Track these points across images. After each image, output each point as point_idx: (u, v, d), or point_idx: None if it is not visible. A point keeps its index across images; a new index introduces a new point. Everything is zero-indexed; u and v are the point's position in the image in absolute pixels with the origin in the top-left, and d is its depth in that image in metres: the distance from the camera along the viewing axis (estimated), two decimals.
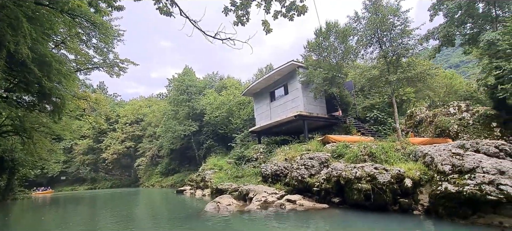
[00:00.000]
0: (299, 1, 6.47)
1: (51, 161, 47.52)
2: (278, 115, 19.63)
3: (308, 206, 9.52)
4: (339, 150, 11.67)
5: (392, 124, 20.06)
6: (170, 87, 40.06)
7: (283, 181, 13.00)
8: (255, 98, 23.32)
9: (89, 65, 18.68)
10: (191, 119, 34.47)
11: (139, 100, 63.22)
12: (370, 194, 7.81)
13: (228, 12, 6.61)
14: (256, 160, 19.16)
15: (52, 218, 12.71)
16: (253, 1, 6.50)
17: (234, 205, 10.60)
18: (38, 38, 11.31)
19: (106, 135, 54.36)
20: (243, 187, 12.43)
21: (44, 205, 20.28)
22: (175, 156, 40.88)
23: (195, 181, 22.37)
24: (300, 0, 6.46)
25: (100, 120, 22.70)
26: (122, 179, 55.63)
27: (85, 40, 16.30)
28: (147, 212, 12.64)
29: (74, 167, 56.65)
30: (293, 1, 6.43)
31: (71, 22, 14.56)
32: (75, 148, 57.42)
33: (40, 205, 20.33)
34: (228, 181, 17.39)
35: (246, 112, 27.80)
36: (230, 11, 6.56)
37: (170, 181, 37.95)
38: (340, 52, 16.47)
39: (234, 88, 32.18)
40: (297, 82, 18.06)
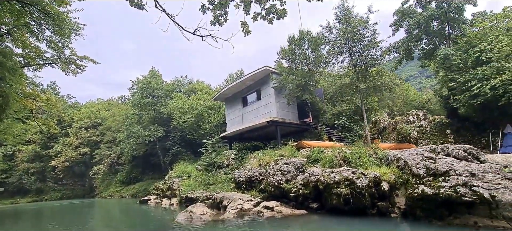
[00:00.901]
0: (279, 4, 6.40)
1: None
2: (251, 120, 19.39)
3: (286, 213, 9.32)
4: (314, 155, 11.75)
5: (358, 130, 21.08)
6: (134, 90, 37.58)
7: (258, 187, 12.71)
8: (227, 104, 22.84)
9: (39, 61, 16.59)
10: (156, 123, 32.60)
11: (97, 103, 58.28)
12: (349, 199, 7.87)
13: (205, 10, 6.27)
14: (227, 166, 18.65)
15: None
16: (231, 1, 6.25)
17: (208, 214, 9.99)
18: None
19: (57, 140, 48.87)
20: (216, 195, 11.84)
21: None
22: (137, 163, 38.23)
23: (161, 189, 21.04)
24: (280, 4, 6.40)
25: (51, 123, 20.18)
26: (74, 189, 50.37)
27: (36, 32, 14.43)
28: (108, 227, 11.35)
29: (15, 177, 49.82)
30: (273, 4, 6.32)
31: (19, 10, 12.81)
32: (17, 154, 50.65)
33: None
34: (199, 188, 16.62)
35: (217, 117, 27.11)
36: (208, 9, 6.23)
37: (131, 191, 35.28)
38: (312, 60, 16.87)
39: (204, 92, 31.26)
40: (270, 88, 18.06)
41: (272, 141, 23.92)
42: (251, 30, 6.37)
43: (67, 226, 12.81)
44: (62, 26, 13.97)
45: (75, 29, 14.86)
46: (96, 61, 18.48)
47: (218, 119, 27.18)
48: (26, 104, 16.26)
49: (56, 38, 15.08)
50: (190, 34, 6.11)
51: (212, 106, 28.49)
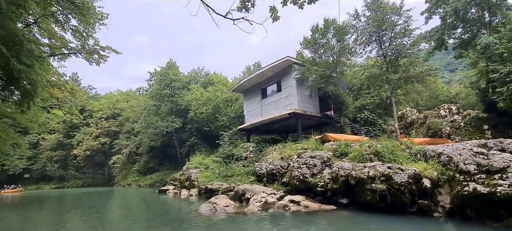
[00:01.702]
0: None
1: (14, 156, 43.45)
2: (270, 112, 18.97)
3: (314, 208, 8.90)
4: (341, 148, 11.21)
5: (382, 124, 20.21)
6: (152, 81, 37.97)
7: (280, 180, 12.36)
8: (245, 95, 22.50)
9: (64, 51, 16.79)
10: (174, 115, 32.83)
11: (116, 94, 59.70)
12: (386, 195, 7.33)
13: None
14: (245, 158, 18.41)
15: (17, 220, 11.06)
16: None
17: (232, 206, 9.73)
18: (8, 13, 9.72)
19: (78, 129, 50.57)
20: (238, 187, 11.57)
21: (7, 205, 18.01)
22: (154, 154, 38.85)
23: (179, 180, 21.12)
24: None
25: (75, 111, 20.61)
26: (94, 178, 52.10)
27: (61, 21, 14.54)
28: (136, 215, 11.35)
29: (40, 164, 52.09)
30: None
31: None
32: (42, 143, 52.87)
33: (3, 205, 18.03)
34: (217, 180, 16.51)
35: (234, 109, 26.87)
36: None
37: (148, 180, 35.94)
38: (336, 50, 16.14)
39: (222, 84, 31.06)
40: (292, 79, 17.53)
41: (291, 134, 23.47)
42: (279, 15, 5.92)
43: (103, 210, 13.03)
44: (87, 15, 13.98)
45: (99, 18, 14.86)
46: (118, 51, 18.53)
47: (235, 111, 26.92)
48: (53, 92, 16.57)
49: (80, 27, 15.15)
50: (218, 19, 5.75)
51: (229, 98, 28.26)
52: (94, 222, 9.54)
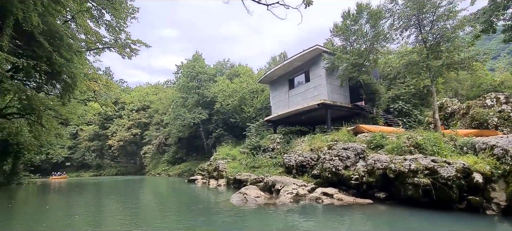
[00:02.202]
0: None
1: (57, 146, 47.25)
2: (298, 104, 18.55)
3: (348, 201, 8.54)
4: (377, 140, 10.62)
5: (418, 115, 18.98)
6: (179, 74, 38.95)
7: (310, 172, 12.09)
8: (272, 86, 22.22)
9: (99, 45, 17.61)
10: (200, 106, 33.49)
11: (145, 87, 62.27)
12: (431, 190, 6.80)
13: None
14: (272, 150, 18.30)
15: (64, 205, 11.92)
16: None
17: (262, 197, 9.66)
18: (49, 8, 10.27)
19: (112, 121, 53.67)
20: (268, 178, 11.48)
21: (53, 190, 19.59)
22: (182, 145, 40.12)
23: (207, 170, 21.55)
24: None
25: (110, 103, 21.78)
26: (127, 167, 55.19)
27: (96, 16, 15.20)
28: (170, 203, 11.72)
29: (79, 153, 56.26)
30: None
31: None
32: (80, 133, 56.93)
33: (47, 190, 19.64)
34: (245, 171, 16.62)
35: (260, 101, 26.74)
36: None
37: (177, 170, 37.26)
38: (370, 37, 15.24)
39: (247, 76, 31.00)
40: (321, 69, 16.92)
41: (319, 126, 22.91)
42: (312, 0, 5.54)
43: (139, 198, 13.73)
44: (119, 10, 14.46)
45: (130, 12, 15.33)
46: (147, 45, 19.12)
47: (261, 102, 26.79)
48: (90, 85, 17.55)
49: (113, 22, 15.74)
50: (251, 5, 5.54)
51: (255, 90, 28.16)
52: (130, 208, 9.99)
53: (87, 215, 8.63)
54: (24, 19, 8.52)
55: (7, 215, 9.14)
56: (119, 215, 8.60)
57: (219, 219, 7.12)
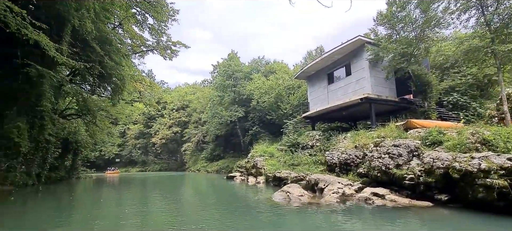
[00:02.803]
0: None
1: (108, 144, 51.73)
2: (338, 99, 17.67)
3: (403, 203, 7.76)
4: (433, 136, 9.53)
5: (477, 109, 16.84)
6: (215, 73, 39.94)
7: (355, 171, 11.36)
8: (309, 82, 21.53)
9: (143, 48, 18.66)
10: (237, 104, 33.92)
11: (184, 87, 65.21)
12: (508, 193, 5.82)
13: None
14: (311, 147, 17.70)
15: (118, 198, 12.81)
16: None
17: (306, 196, 9.27)
18: (100, 15, 11.00)
19: (155, 120, 57.20)
20: (311, 176, 11.03)
21: (106, 184, 21.37)
22: (219, 142, 41.14)
23: (245, 167, 21.68)
24: None
25: (153, 103, 23.13)
26: (169, 163, 58.36)
27: (140, 21, 16.08)
28: (211, 199, 11.91)
29: (127, 150, 61.00)
30: None
31: (127, 1, 14.30)
32: (127, 132, 61.65)
33: (101, 184, 21.46)
34: (283, 168, 16.35)
35: (297, 97, 26.15)
36: None
37: (215, 167, 38.30)
38: (420, 23, 13.83)
39: (283, 72, 30.56)
40: (364, 61, 15.87)
41: (360, 121, 21.69)
42: None
43: (182, 192, 14.35)
44: (161, 12, 15.10)
45: (171, 14, 15.95)
46: (186, 46, 19.78)
47: (298, 98, 26.17)
48: (136, 86, 18.72)
49: (155, 25, 16.51)
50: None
51: (291, 86, 27.61)
52: (174, 203, 10.32)
53: (135, 208, 9.10)
54: (80, 26, 9.24)
55: (69, 207, 10.08)
56: (164, 210, 8.91)
57: (263, 217, 6.94)
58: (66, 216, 8.03)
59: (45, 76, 10.05)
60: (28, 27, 7.83)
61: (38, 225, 6.92)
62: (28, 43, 10.42)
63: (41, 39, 8.17)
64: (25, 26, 7.74)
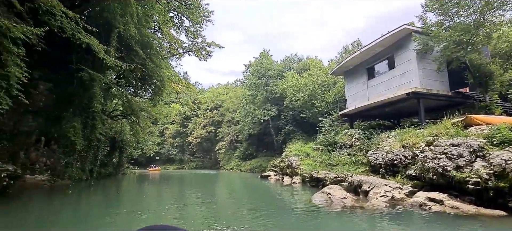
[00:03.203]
0: None
1: (149, 142, 54.89)
2: (380, 94, 16.50)
3: (467, 210, 6.84)
4: (502, 134, 8.30)
5: None
6: (247, 73, 40.13)
7: (403, 172, 10.43)
8: (347, 78, 20.48)
9: (180, 50, 19.25)
10: (269, 103, 33.68)
11: (217, 88, 66.82)
12: None
13: None
14: (350, 146, 16.80)
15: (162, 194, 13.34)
16: None
17: (350, 199, 8.67)
18: (142, 19, 11.47)
19: (190, 120, 59.42)
20: (353, 178, 10.35)
21: (149, 181, 22.58)
22: (252, 141, 41.26)
23: (279, 167, 21.36)
24: None
25: (189, 103, 23.92)
26: (204, 161, 60.17)
27: (177, 24, 16.58)
28: (248, 199, 11.84)
29: (165, 149, 64.19)
30: None
31: (166, 6, 14.80)
32: (166, 132, 64.87)
33: (144, 180, 22.70)
34: (320, 169, 15.74)
35: (332, 94, 25.12)
36: None
37: (248, 166, 38.47)
38: (478, 6, 12.25)
39: (317, 68, 29.59)
40: (410, 52, 14.58)
41: (405, 118, 20.14)
42: None
43: (219, 191, 14.60)
44: (196, 14, 15.41)
45: (205, 15, 16.21)
46: (220, 46, 19.98)
47: (334, 95, 25.11)
48: (174, 87, 19.43)
49: (191, 27, 16.91)
50: None
51: (327, 83, 26.60)
52: (212, 203, 10.38)
53: (174, 205, 9.31)
54: (124, 31, 9.72)
55: (117, 201, 10.70)
56: (203, 208, 8.97)
57: (306, 221, 6.57)
58: (115, 209, 8.47)
59: (96, 79, 10.84)
60: (81, 31, 8.44)
61: (91, 216, 7.37)
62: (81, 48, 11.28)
63: (92, 42, 8.77)
64: (78, 30, 8.35)
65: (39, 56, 10.83)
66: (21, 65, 7.31)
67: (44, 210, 8.61)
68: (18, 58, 7.24)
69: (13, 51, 7.01)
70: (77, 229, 6.14)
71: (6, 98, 7.49)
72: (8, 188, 11.21)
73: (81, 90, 11.45)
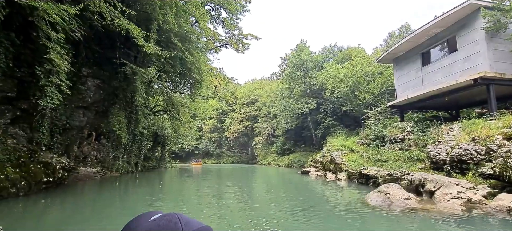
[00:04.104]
0: None
1: (188, 137, 57.12)
2: (437, 82, 14.53)
3: None
4: None
5: None
6: (283, 66, 39.11)
7: (474, 170, 8.85)
8: (396, 65, 18.51)
9: (217, 44, 19.14)
10: (307, 96, 32.38)
11: (252, 82, 66.86)
12: None
13: None
14: (402, 140, 15.22)
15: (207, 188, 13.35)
16: None
17: (413, 200, 7.50)
18: (180, 11, 11.37)
19: (227, 115, 60.41)
20: (413, 175, 9.06)
21: (189, 175, 23.18)
22: (290, 136, 40.33)
23: (321, 162, 20.27)
24: None
25: (228, 96, 23.98)
26: (241, 156, 60.82)
27: (214, 16, 16.39)
28: (294, 197, 11.10)
29: (203, 143, 66.29)
30: None
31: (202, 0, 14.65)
32: (203, 127, 66.92)
33: (184, 174, 23.34)
34: (368, 165, 14.48)
35: (378, 84, 23.10)
36: None
37: (286, 161, 37.68)
38: None
39: (360, 57, 27.48)
40: (477, 32, 12.47)
41: (466, 109, 17.71)
42: None
43: (264, 187, 14.29)
44: (233, 3, 15.02)
45: (243, 4, 15.75)
46: (257, 37, 19.45)
47: (380, 86, 23.06)
48: (212, 81, 19.47)
49: (228, 18, 16.60)
50: None
51: (371, 73, 24.55)
52: (254, 201, 9.91)
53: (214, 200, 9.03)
54: (164, 22, 9.66)
55: (160, 195, 10.86)
56: (245, 207, 8.54)
57: (369, 226, 5.69)
58: (158, 201, 8.47)
59: (137, 73, 11.10)
60: (120, 16, 8.52)
61: (136, 207, 7.40)
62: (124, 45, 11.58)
63: (132, 28, 8.81)
64: (118, 15, 8.43)
65: (86, 54, 11.41)
66: (61, 53, 7.49)
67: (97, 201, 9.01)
68: (58, 45, 7.42)
69: (52, 37, 7.18)
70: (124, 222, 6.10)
71: (56, 93, 7.82)
72: (64, 179, 12.09)
73: (124, 85, 11.85)
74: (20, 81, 10.17)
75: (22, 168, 9.84)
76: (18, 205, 8.30)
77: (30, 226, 5.65)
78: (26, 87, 10.29)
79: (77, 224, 5.87)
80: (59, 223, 6.10)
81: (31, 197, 9.53)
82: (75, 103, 11.50)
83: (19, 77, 10.04)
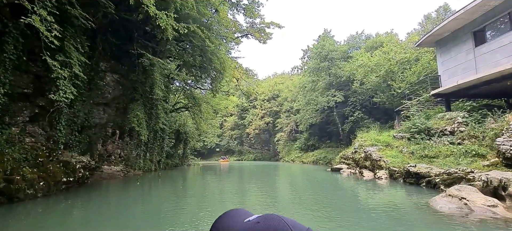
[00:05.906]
0: None
1: (210, 134, 56.97)
2: (496, 64, 12.41)
3: None
4: None
5: None
6: (305, 59, 37.28)
7: None
8: (440, 49, 16.35)
9: (238, 34, 18.00)
10: (333, 88, 30.42)
11: (273, 77, 65.38)
12: None
13: None
14: (451, 133, 13.35)
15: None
16: None
17: (500, 206, 5.86)
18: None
19: (248, 112, 59.50)
20: (490, 175, 7.31)
21: (211, 173, 22.40)
22: (314, 131, 38.52)
23: (352, 158, 18.60)
24: None
25: (251, 89, 22.88)
26: (263, 153, 59.77)
27: (235, 3, 15.24)
28: (333, 199, 9.66)
29: (225, 141, 65.98)
30: None
31: None
32: (224, 124, 66.59)
33: (206, 172, 22.59)
34: (412, 161, 12.80)
35: (415, 71, 20.86)
36: None
37: (311, 158, 35.98)
38: None
39: (394, 44, 25.10)
40: None
41: None
42: None
43: (297, 187, 13.11)
44: None
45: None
46: (280, 26, 18.06)
47: (417, 73, 20.80)
48: (233, 74, 18.41)
49: (249, 4, 15.40)
50: None
51: (406, 60, 22.27)
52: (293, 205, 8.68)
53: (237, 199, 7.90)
54: (182, 6, 8.66)
55: (182, 193, 9.97)
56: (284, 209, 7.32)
57: None
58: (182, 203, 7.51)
59: (155, 64, 10.27)
60: None
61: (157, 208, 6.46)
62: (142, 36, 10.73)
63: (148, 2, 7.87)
64: None
65: (103, 47, 10.71)
66: (73, 44, 6.67)
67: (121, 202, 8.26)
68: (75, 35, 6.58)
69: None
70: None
71: (70, 87, 7.04)
72: (87, 178, 11.55)
73: (143, 78, 11.12)
74: (36, 76, 9.65)
75: (40, 168, 9.31)
76: (37, 207, 7.73)
77: None
78: (43, 83, 9.76)
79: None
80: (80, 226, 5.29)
81: (51, 199, 8.99)
82: (94, 100, 10.88)
83: (34, 73, 9.53)
